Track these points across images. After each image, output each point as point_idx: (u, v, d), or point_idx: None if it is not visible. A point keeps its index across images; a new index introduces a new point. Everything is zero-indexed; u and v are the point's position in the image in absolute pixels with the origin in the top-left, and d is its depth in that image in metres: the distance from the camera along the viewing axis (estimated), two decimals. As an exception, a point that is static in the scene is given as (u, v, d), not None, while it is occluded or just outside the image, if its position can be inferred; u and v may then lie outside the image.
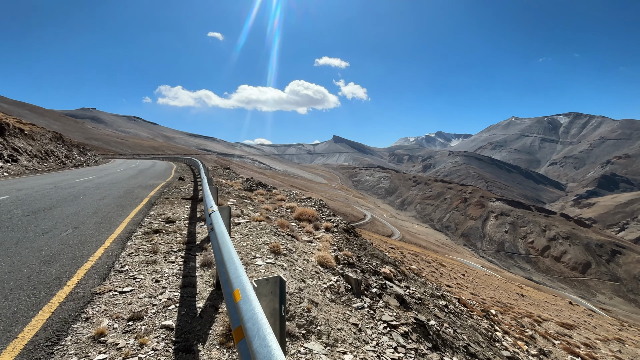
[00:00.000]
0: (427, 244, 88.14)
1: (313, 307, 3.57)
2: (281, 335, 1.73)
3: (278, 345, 1.12)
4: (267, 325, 1.26)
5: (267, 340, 1.15)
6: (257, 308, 1.41)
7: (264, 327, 1.24)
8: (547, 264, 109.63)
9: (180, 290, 3.55)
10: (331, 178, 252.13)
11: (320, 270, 4.97)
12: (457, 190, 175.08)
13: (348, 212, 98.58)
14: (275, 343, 1.13)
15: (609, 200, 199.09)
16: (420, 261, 27.50)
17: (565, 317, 19.29)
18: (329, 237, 7.61)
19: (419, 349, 3.62)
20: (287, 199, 13.03)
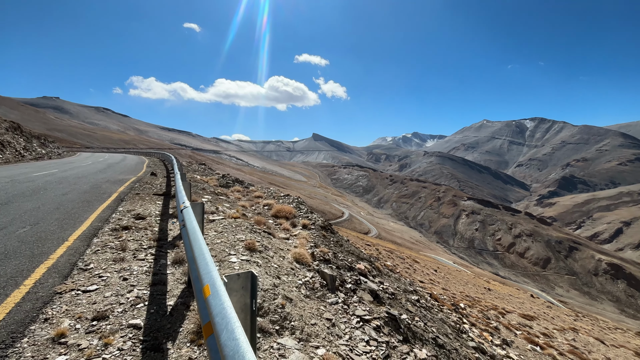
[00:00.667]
0: (402, 241, 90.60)
1: (287, 303, 3.58)
2: (252, 330, 1.73)
3: (246, 338, 1.12)
4: (235, 319, 1.26)
5: (235, 334, 1.15)
6: (227, 303, 1.40)
7: (232, 321, 1.24)
8: (512, 260, 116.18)
9: (150, 288, 3.44)
10: (310, 176, 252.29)
11: (296, 267, 4.98)
12: (431, 189, 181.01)
13: (326, 210, 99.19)
14: (243, 336, 1.13)
15: (567, 200, 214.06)
16: (395, 258, 28.23)
17: (527, 309, 20.57)
18: (306, 234, 7.64)
19: (390, 342, 3.74)
20: (265, 196, 12.91)
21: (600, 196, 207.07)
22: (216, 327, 1.27)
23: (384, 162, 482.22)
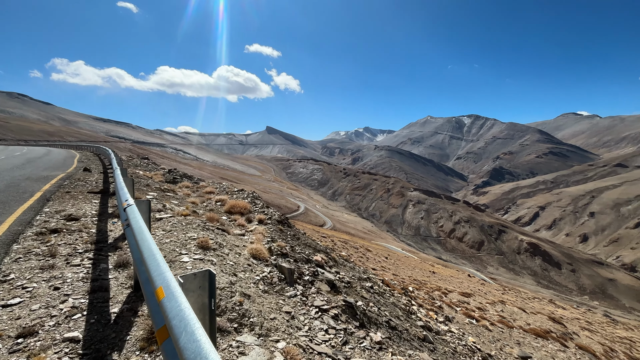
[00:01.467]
0: (356, 232, 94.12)
1: (245, 300, 3.51)
2: (211, 330, 1.66)
3: (208, 339, 1.08)
4: (195, 320, 1.19)
5: (196, 335, 1.10)
6: (184, 304, 1.32)
7: (191, 322, 1.18)
8: (452, 244, 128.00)
9: (89, 296, 3.10)
10: (265, 170, 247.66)
11: (253, 263, 4.90)
12: (381, 181, 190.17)
13: (282, 204, 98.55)
14: (204, 337, 1.09)
15: (497, 189, 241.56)
16: (349, 248, 29.24)
17: (465, 287, 22.91)
18: (262, 229, 7.52)
19: (348, 329, 3.90)
20: (217, 191, 12.38)
21: (522, 185, 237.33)
22: (173, 330, 1.19)
23: (338, 156, 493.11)
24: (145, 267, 1.88)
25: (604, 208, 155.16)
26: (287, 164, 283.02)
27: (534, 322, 14.64)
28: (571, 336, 14.35)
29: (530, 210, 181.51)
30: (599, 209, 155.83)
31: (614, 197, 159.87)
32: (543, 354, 10.79)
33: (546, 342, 12.01)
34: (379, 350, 3.62)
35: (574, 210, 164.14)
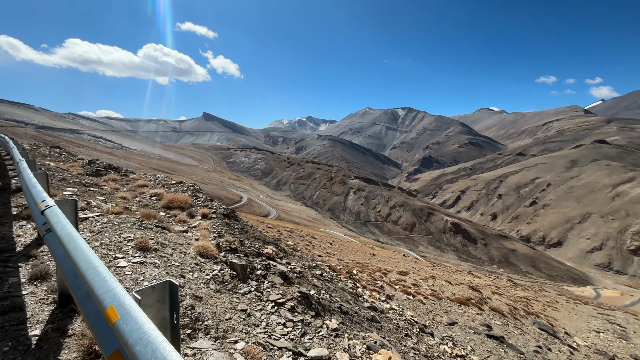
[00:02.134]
0: (301, 220, 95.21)
1: (197, 303, 3.29)
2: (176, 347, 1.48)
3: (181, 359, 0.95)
4: (165, 344, 1.04)
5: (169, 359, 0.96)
6: (148, 325, 1.14)
7: (161, 346, 1.02)
8: (389, 227, 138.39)
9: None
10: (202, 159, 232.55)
11: (201, 262, 4.60)
12: (324, 170, 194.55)
13: (224, 195, 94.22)
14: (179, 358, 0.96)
15: (426, 176, 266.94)
16: (295, 236, 29.49)
17: (401, 266, 25.08)
18: (207, 225, 7.09)
19: (305, 320, 3.95)
20: (151, 184, 11.23)
21: (447, 172, 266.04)
22: (138, 357, 1.02)
23: (282, 145, 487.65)
24: (84, 282, 1.58)
25: (508, 190, 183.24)
26: (228, 153, 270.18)
27: (457, 292, 16.76)
28: (486, 300, 16.84)
29: (453, 194, 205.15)
30: (505, 191, 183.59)
31: (516, 181, 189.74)
32: (465, 318, 12.47)
33: (467, 308, 13.89)
34: (336, 337, 3.75)
35: (487, 193, 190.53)
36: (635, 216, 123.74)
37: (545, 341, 13.14)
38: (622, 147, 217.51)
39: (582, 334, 16.93)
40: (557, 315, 19.94)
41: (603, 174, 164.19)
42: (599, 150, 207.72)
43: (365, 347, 3.68)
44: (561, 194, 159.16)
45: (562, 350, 12.61)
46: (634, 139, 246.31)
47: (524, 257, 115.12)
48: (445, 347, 7.68)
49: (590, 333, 17.42)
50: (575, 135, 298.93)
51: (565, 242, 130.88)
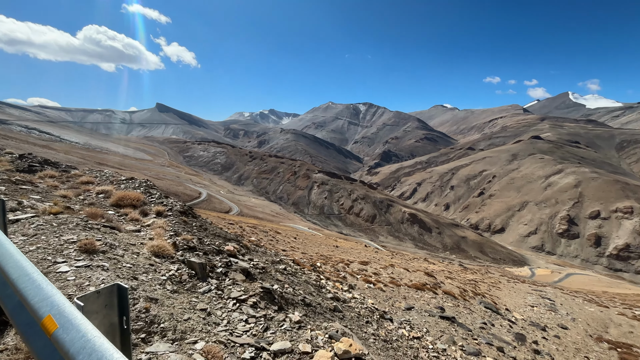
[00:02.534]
0: (264, 215, 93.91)
1: (152, 305, 3.13)
2: (127, 354, 1.38)
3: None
4: (113, 350, 0.97)
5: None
6: (92, 332, 1.05)
7: (107, 353, 0.95)
8: (351, 219, 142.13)
9: None
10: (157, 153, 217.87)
11: (156, 262, 4.36)
12: (288, 164, 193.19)
13: (180, 192, 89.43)
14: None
15: (386, 169, 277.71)
16: (258, 232, 29.07)
17: (363, 256, 25.98)
18: (162, 223, 6.71)
19: (268, 314, 3.94)
20: (98, 181, 10.29)
21: (405, 165, 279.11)
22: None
23: (243, 138, 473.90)
24: (15, 291, 1.40)
25: (459, 182, 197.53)
26: (185, 147, 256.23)
27: (414, 279, 17.83)
28: (439, 285, 18.13)
29: (410, 187, 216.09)
30: (457, 183, 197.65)
31: (466, 173, 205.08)
32: (422, 302, 13.33)
33: (423, 293, 14.85)
34: (299, 329, 3.80)
35: (441, 185, 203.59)
36: (563, 203, 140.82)
37: (490, 318, 14.54)
38: (552, 142, 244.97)
39: (519, 309, 19.00)
40: (500, 294, 22.12)
41: (538, 166, 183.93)
42: (534, 145, 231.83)
43: (328, 336, 3.79)
44: (504, 185, 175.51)
45: (503, 325, 14.06)
46: (563, 135, 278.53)
47: (473, 243, 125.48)
48: (403, 331, 8.16)
49: (526, 308, 19.61)
50: (516, 132, 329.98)
51: (507, 228, 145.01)
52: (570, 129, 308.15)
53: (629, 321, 21.15)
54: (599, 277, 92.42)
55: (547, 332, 15.08)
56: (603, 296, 37.90)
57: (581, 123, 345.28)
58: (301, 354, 3.21)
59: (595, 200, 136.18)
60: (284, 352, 3.18)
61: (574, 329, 17.12)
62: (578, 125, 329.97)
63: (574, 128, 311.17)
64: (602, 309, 24.30)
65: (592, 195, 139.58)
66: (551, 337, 14.58)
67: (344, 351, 3.32)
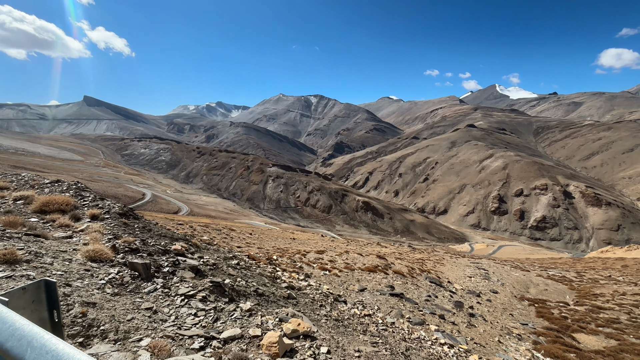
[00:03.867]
0: (217, 213, 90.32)
1: (90, 309, 3.01)
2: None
3: (65, 343, 0.98)
4: (42, 332, 1.02)
5: (48, 345, 0.97)
6: (20, 322, 1.08)
7: (37, 335, 1.01)
8: (308, 211, 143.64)
9: None
10: (89, 153, 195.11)
11: (93, 267, 4.12)
12: (240, 159, 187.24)
13: (120, 194, 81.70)
14: (61, 342, 0.98)
15: (339, 160, 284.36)
16: (211, 231, 28.05)
17: (319, 246, 26.64)
18: (98, 227, 6.24)
19: (218, 306, 4.00)
20: (14, 186, 9.06)
21: (357, 156, 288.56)
22: (11, 352, 0.98)
23: (189, 133, 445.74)
24: None
25: (407, 169, 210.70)
26: (122, 144, 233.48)
27: (367, 262, 18.89)
28: (390, 266, 19.46)
29: (363, 176, 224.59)
30: (404, 170, 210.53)
31: (412, 161, 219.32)
32: (374, 283, 14.25)
33: (375, 274, 15.85)
34: (250, 317, 3.94)
35: (390, 173, 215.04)
36: (494, 184, 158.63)
37: (434, 291, 16.10)
38: (484, 130, 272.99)
39: (459, 280, 21.27)
40: (443, 269, 24.45)
41: (473, 152, 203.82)
42: (470, 132, 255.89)
43: (278, 320, 3.99)
44: (445, 170, 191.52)
45: (445, 296, 15.68)
46: (492, 124, 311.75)
47: (420, 225, 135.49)
48: (355, 310, 8.72)
49: (465, 279, 22.02)
50: (454, 121, 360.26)
51: (449, 209, 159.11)
52: (498, 117, 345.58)
53: (544, 281, 25.00)
54: (523, 246, 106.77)
55: (481, 298, 17.19)
56: (526, 262, 44.05)
57: (506, 112, 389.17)
58: (251, 338, 3.36)
59: (519, 180, 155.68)
60: (234, 338, 3.30)
61: (502, 293, 19.74)
62: (504, 114, 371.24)
63: (501, 117, 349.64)
64: (524, 273, 28.30)
65: (517, 175, 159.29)
66: (484, 301, 16.66)
67: (293, 330, 3.55)
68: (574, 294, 21.56)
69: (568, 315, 15.98)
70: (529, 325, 14.00)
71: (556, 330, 13.27)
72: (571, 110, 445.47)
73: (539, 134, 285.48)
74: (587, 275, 29.50)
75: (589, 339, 12.99)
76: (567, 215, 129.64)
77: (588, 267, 38.06)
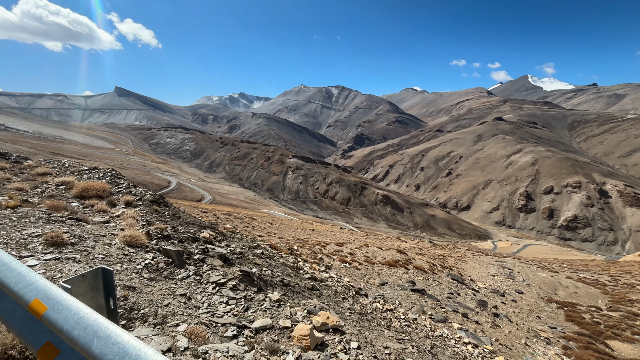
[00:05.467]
0: (238, 203, 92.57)
1: (130, 293, 3.14)
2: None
3: (131, 336, 0.99)
4: (107, 322, 1.05)
5: (114, 337, 0.99)
6: (84, 310, 1.11)
7: (102, 325, 1.03)
8: (327, 203, 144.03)
9: None
10: (119, 141, 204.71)
11: (130, 252, 4.30)
12: (261, 150, 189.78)
13: (148, 181, 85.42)
14: (125, 333, 0.99)
15: (359, 153, 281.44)
16: (233, 219, 28.78)
17: (339, 238, 26.69)
18: (132, 213, 6.52)
19: (248, 295, 4.08)
20: (56, 172, 9.63)
21: (377, 148, 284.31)
22: (78, 341, 1.01)
23: (212, 124, 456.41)
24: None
25: (429, 163, 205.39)
26: (150, 134, 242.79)
27: (388, 256, 18.71)
28: (411, 261, 19.19)
29: (383, 169, 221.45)
30: (426, 164, 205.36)
31: (435, 154, 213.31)
32: (394, 278, 14.11)
33: (396, 269, 15.68)
34: (279, 307, 3.98)
35: (411, 166, 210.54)
36: (521, 180, 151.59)
37: (456, 288, 15.74)
38: (513, 123, 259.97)
39: (482, 278, 20.66)
40: (466, 267, 23.83)
41: (500, 146, 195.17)
42: (497, 126, 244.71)
43: (306, 312, 4.01)
44: (470, 165, 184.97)
45: (467, 294, 15.29)
46: (522, 117, 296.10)
47: (441, 221, 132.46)
48: (377, 304, 8.67)
49: (488, 277, 21.37)
50: (481, 114, 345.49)
51: (472, 205, 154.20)
52: (529, 110, 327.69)
53: (575, 283, 23.79)
54: (551, 246, 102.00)
55: (505, 298, 16.63)
56: (554, 263, 42.08)
57: (538, 105, 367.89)
58: (282, 329, 3.40)
59: (549, 176, 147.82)
60: (265, 328, 3.34)
61: (528, 293, 18.99)
62: (536, 106, 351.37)
63: (532, 109, 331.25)
64: (552, 274, 27.04)
65: (547, 172, 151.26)
66: (509, 301, 16.11)
67: (322, 323, 3.56)
68: (607, 298, 20.39)
69: (601, 321, 15.16)
70: (558, 329, 13.41)
71: (588, 336, 12.63)
72: (612, 103, 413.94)
73: (574, 128, 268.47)
74: (623, 280, 27.77)
75: (624, 347, 12.27)
76: (601, 215, 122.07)
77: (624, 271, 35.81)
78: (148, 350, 0.94)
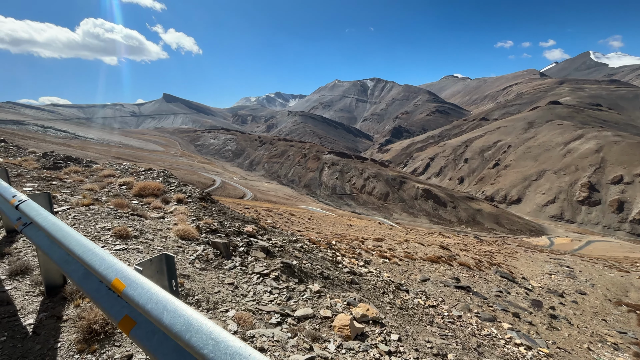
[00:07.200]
0: (277, 199, 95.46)
1: (186, 281, 3.47)
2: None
3: (193, 310, 1.16)
4: (173, 299, 1.24)
5: (179, 310, 1.16)
6: (154, 288, 1.33)
7: (170, 301, 1.22)
8: (364, 199, 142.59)
9: (-15, 314, 2.59)
10: (168, 144, 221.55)
11: (184, 244, 4.72)
12: (297, 147, 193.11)
13: (195, 180, 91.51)
14: (189, 309, 1.16)
15: (397, 146, 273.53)
16: (273, 215, 29.80)
17: (377, 234, 26.37)
18: (183, 209, 7.10)
19: (289, 286, 4.27)
20: (118, 173, 10.79)
21: (416, 140, 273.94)
22: (151, 313, 1.21)
23: (251, 124, 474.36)
24: (83, 264, 1.70)
25: (473, 154, 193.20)
26: (195, 136, 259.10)
27: (429, 252, 18.10)
28: (454, 257, 18.36)
29: (423, 162, 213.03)
30: (470, 155, 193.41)
31: (480, 145, 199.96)
32: (437, 274, 13.64)
33: (438, 265, 15.13)
34: (319, 298, 4.12)
35: (454, 158, 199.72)
36: (583, 170, 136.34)
37: (506, 286, 14.76)
38: (572, 106, 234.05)
39: (536, 277, 19.11)
40: (516, 264, 22.20)
41: (556, 133, 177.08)
42: (552, 111, 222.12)
43: (346, 303, 4.10)
44: (520, 154, 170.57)
45: (519, 293, 14.28)
46: (583, 99, 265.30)
47: (488, 215, 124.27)
48: (419, 300, 8.50)
49: (543, 276, 19.69)
50: (532, 98, 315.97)
51: (524, 198, 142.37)
52: (591, 91, 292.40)
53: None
54: (621, 243, 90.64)
55: (564, 298, 15.22)
56: (624, 262, 37.41)
57: (603, 84, 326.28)
58: (322, 318, 3.52)
59: (617, 164, 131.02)
60: (307, 317, 3.49)
61: (592, 294, 17.18)
62: (600, 86, 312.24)
63: (596, 90, 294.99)
64: (622, 274, 24.10)
65: (615, 159, 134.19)
66: (569, 302, 14.73)
67: (362, 315, 3.61)
68: (693, 303, 17.71)
69: (684, 328, 13.24)
70: (629, 334, 11.99)
71: (667, 344, 11.12)
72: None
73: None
74: None
75: None
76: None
77: None
78: (208, 322, 1.09)
